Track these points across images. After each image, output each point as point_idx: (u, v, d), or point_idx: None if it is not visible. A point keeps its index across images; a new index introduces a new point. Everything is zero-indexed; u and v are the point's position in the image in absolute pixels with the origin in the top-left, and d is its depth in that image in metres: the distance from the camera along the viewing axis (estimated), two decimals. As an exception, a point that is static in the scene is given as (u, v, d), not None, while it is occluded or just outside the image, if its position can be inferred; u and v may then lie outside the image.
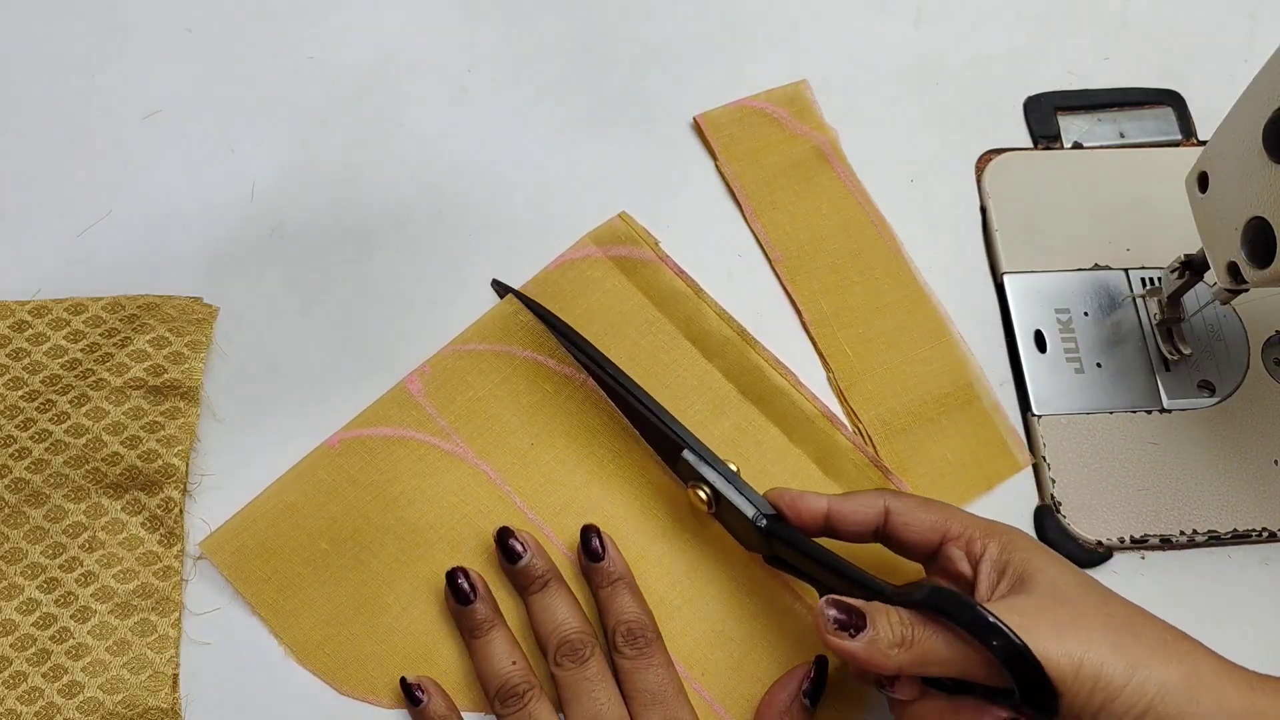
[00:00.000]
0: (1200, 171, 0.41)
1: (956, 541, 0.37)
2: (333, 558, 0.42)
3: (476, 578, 0.41)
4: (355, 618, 0.42)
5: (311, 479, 0.43)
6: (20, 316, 0.45)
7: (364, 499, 0.43)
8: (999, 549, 0.36)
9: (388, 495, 0.43)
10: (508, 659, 0.40)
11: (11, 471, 0.42)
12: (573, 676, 0.39)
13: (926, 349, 0.48)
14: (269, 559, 0.42)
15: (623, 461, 0.45)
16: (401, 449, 0.44)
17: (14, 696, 0.39)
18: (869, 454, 0.45)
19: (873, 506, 0.39)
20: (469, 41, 0.53)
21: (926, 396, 0.47)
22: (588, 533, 0.42)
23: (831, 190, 0.51)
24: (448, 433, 0.44)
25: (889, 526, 0.38)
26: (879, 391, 0.47)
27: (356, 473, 0.44)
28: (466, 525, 0.43)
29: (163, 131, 0.50)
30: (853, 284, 0.49)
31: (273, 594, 0.42)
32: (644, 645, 0.40)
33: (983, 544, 0.37)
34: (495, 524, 0.43)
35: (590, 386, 0.45)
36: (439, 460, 0.44)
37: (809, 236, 0.50)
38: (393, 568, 0.42)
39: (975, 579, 0.36)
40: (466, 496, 0.44)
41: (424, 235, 0.49)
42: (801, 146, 0.51)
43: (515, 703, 0.39)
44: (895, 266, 0.49)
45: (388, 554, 0.43)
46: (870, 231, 0.50)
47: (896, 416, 0.46)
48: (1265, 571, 0.45)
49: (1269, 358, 0.48)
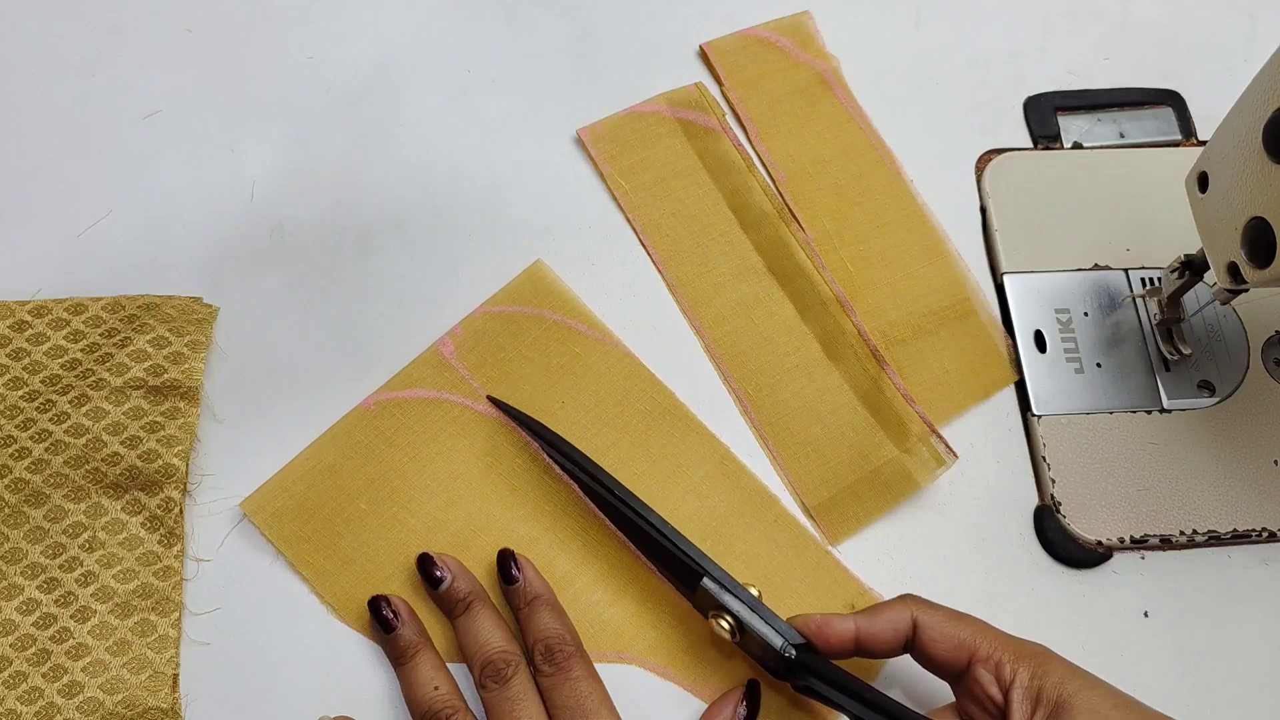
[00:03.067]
0: (1200, 171, 0.41)
1: (985, 664, 0.36)
2: (371, 517, 0.43)
3: (399, 604, 0.41)
4: (395, 575, 0.42)
5: (349, 440, 0.44)
6: (20, 316, 0.45)
7: (401, 459, 0.44)
8: (1029, 674, 0.35)
9: (424, 455, 0.44)
10: (430, 685, 0.39)
11: (11, 471, 0.42)
12: (496, 697, 0.39)
13: (925, 265, 0.49)
14: (308, 519, 0.43)
15: (651, 420, 0.46)
16: (436, 410, 0.45)
17: (14, 696, 0.39)
18: (871, 345, 0.46)
19: (901, 622, 0.38)
20: (469, 41, 0.53)
21: (925, 310, 0.48)
22: (504, 557, 0.42)
23: (833, 115, 0.52)
24: (480, 394, 0.45)
25: (918, 641, 0.38)
26: (879, 305, 0.48)
27: (393, 434, 0.44)
28: (501, 483, 0.44)
29: (163, 131, 0.50)
30: (854, 204, 0.50)
31: (313, 553, 0.43)
32: (562, 660, 0.39)
33: (1012, 669, 0.36)
34: (529, 484, 0.43)
35: (622, 351, 0.46)
36: (472, 421, 0.45)
37: (812, 159, 0.51)
38: (430, 526, 0.43)
39: (1007, 707, 0.35)
40: (500, 456, 0.44)
41: (424, 235, 0.49)
42: (805, 73, 0.53)
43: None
44: (895, 188, 0.51)
45: (425, 512, 0.43)
46: (871, 155, 0.52)
47: (895, 328, 0.48)
48: (1265, 571, 0.45)
49: (1269, 358, 0.48)
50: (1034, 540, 0.45)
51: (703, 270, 0.48)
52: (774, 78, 0.53)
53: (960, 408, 0.47)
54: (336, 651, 0.42)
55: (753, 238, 0.49)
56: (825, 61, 0.53)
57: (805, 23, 0.54)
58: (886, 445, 0.45)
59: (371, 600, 0.41)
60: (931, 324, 0.48)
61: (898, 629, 0.38)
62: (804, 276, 0.48)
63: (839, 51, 0.54)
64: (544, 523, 0.44)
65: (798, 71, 0.53)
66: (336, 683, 0.41)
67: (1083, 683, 0.35)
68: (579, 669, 0.39)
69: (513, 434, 0.45)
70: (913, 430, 0.45)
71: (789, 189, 0.50)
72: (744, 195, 0.49)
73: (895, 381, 0.46)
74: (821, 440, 0.46)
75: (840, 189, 0.50)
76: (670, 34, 0.54)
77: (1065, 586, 0.44)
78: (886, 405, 0.46)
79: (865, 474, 0.45)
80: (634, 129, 0.51)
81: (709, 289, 0.48)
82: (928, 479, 0.45)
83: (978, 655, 0.36)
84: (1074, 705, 0.34)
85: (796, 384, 0.46)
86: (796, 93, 0.52)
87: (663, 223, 0.49)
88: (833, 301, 0.47)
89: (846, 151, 0.51)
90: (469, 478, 0.44)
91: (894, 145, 0.52)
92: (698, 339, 0.47)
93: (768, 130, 0.51)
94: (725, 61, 0.53)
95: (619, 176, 0.50)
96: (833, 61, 0.53)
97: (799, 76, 0.53)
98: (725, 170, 0.50)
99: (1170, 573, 0.45)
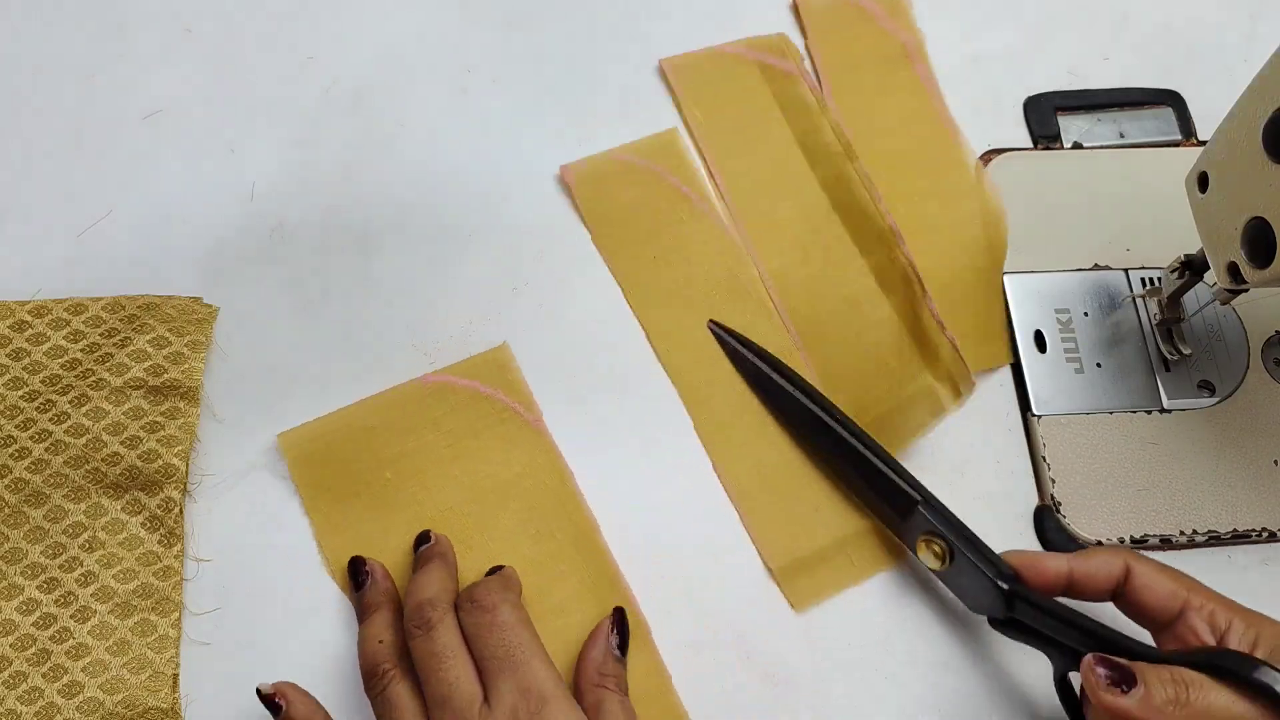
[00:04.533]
0: (1200, 171, 0.41)
1: (1199, 612, 0.36)
2: (393, 488, 0.44)
3: (376, 566, 0.41)
4: (395, 550, 0.43)
5: (396, 410, 0.45)
6: (20, 316, 0.45)
7: (439, 444, 0.44)
8: (1244, 625, 0.36)
9: (461, 447, 0.44)
10: (375, 639, 0.39)
11: (11, 471, 0.42)
12: (422, 648, 0.37)
13: (970, 232, 0.50)
14: (334, 471, 0.44)
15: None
16: (488, 406, 0.45)
17: (14, 696, 0.39)
18: (918, 277, 0.47)
19: (1114, 565, 0.38)
20: (469, 41, 0.53)
21: (955, 274, 0.49)
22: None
23: (910, 86, 0.53)
24: (531, 405, 0.45)
25: (1130, 588, 0.38)
26: (916, 256, 0.48)
27: (440, 417, 0.45)
28: (525, 499, 0.44)
29: (163, 131, 0.50)
30: (912, 170, 0.51)
31: (327, 504, 0.43)
32: (490, 604, 0.38)
33: (1227, 619, 0.36)
34: (550, 509, 0.44)
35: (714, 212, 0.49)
36: (519, 429, 0.45)
37: (880, 122, 0.52)
38: (446, 515, 0.43)
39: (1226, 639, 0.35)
40: (534, 468, 0.44)
41: (424, 235, 0.49)
42: (889, 42, 0.54)
43: (376, 684, 0.38)
44: (956, 163, 0.52)
45: (445, 502, 0.44)
46: (938, 128, 0.53)
47: (924, 280, 0.48)
48: (1265, 571, 0.45)
49: (1269, 358, 0.48)
50: (1034, 540, 0.45)
51: (766, 204, 0.50)
52: (859, 41, 0.54)
53: None
54: (336, 651, 0.42)
55: (819, 173, 0.50)
56: (911, 34, 0.54)
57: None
58: (923, 374, 0.46)
59: (352, 559, 0.42)
60: (959, 288, 0.49)
61: (1111, 572, 0.38)
62: (861, 208, 0.49)
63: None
64: (548, 549, 0.43)
65: (883, 39, 0.54)
66: (337, 682, 0.41)
67: None
68: (505, 614, 0.38)
69: (551, 455, 0.45)
70: (944, 357, 0.46)
71: (850, 148, 0.51)
72: (814, 135, 0.51)
73: (932, 309, 0.47)
74: (866, 371, 0.47)
75: (902, 154, 0.52)
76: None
77: (1065, 586, 0.44)
78: (924, 334, 0.47)
79: (900, 402, 0.46)
80: (714, 65, 0.52)
81: (770, 223, 0.49)
82: (954, 405, 0.46)
83: (1190, 604, 0.37)
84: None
85: (845, 316, 0.48)
86: (878, 59, 0.54)
87: (732, 154, 0.51)
88: (888, 233, 0.48)
89: (914, 121, 0.53)
90: (497, 481, 0.44)
91: (894, 145, 0.52)
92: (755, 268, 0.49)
93: (841, 89, 0.53)
94: (814, 19, 0.54)
95: (694, 107, 0.52)
96: (919, 35, 0.54)
97: (884, 44, 0.54)
98: (799, 111, 0.51)
99: (1170, 573, 0.45)
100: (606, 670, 0.39)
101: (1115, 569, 0.38)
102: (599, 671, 0.39)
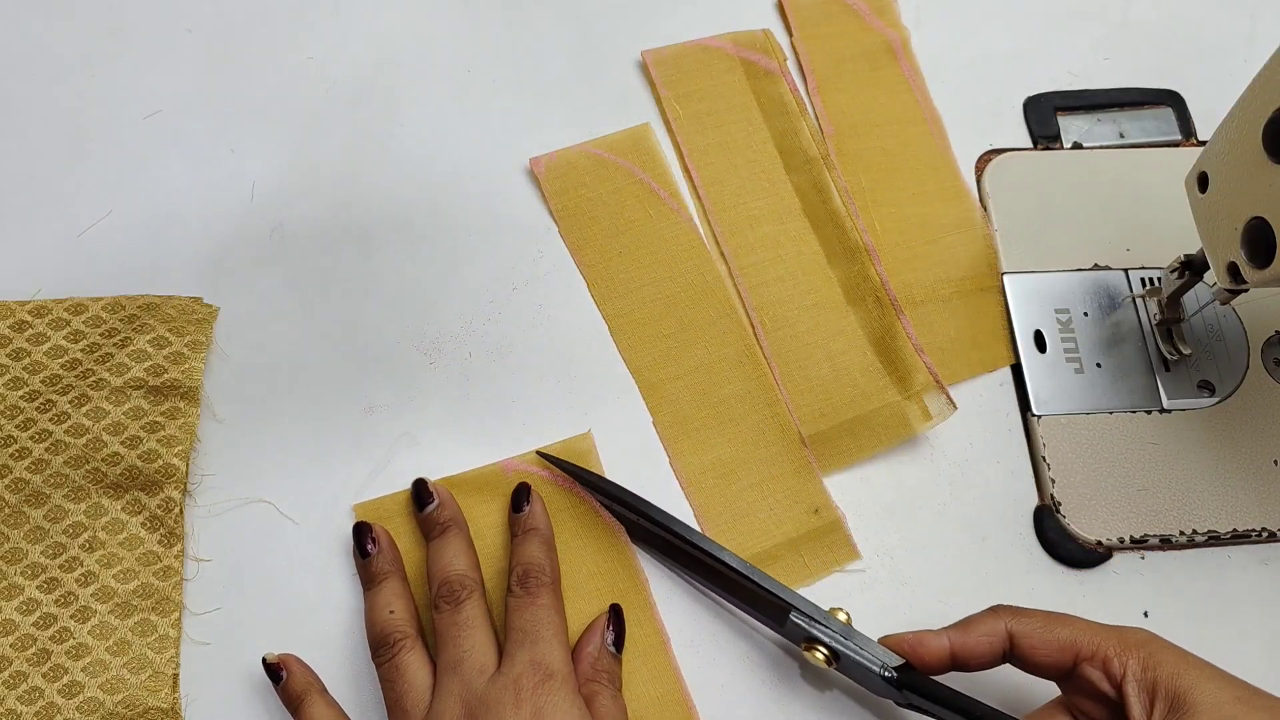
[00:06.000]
0: (1200, 171, 0.41)
1: (1091, 661, 0.36)
2: None
3: (381, 533, 0.42)
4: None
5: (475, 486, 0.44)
6: (20, 316, 0.45)
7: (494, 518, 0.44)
8: (1140, 666, 0.35)
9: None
10: (386, 609, 0.40)
11: (11, 471, 0.42)
12: (447, 620, 0.39)
13: (954, 235, 0.50)
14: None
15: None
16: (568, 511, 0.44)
17: (14, 696, 0.39)
18: (892, 294, 0.47)
19: (995, 634, 0.37)
20: (469, 41, 0.53)
21: (944, 277, 0.49)
22: (519, 489, 0.43)
23: (894, 83, 0.53)
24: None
25: (1016, 650, 0.37)
26: (901, 264, 0.49)
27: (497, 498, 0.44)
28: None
29: (163, 131, 0.50)
30: (896, 169, 0.51)
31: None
32: (535, 587, 0.40)
33: (1121, 663, 0.35)
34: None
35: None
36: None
37: (863, 119, 0.52)
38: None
39: (1124, 701, 0.35)
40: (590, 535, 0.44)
41: (424, 235, 0.49)
42: (874, 39, 0.54)
43: (385, 652, 0.39)
44: (940, 162, 0.52)
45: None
46: (922, 126, 0.53)
47: (911, 288, 0.49)
48: (1265, 571, 0.45)
49: (1269, 358, 0.48)
50: (1034, 540, 0.45)
51: (740, 201, 0.50)
52: (843, 37, 0.54)
53: (956, 376, 0.47)
54: (335, 651, 0.42)
55: (794, 179, 0.50)
56: (897, 31, 0.54)
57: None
58: (890, 390, 0.46)
59: (357, 525, 0.42)
60: (948, 291, 0.49)
61: (993, 641, 0.37)
62: (836, 223, 0.49)
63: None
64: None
65: (868, 36, 0.54)
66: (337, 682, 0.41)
67: (1200, 673, 0.34)
68: (547, 598, 0.40)
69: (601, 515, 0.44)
70: (917, 380, 0.46)
71: (835, 143, 0.52)
72: (792, 139, 0.51)
73: (909, 332, 0.47)
74: (827, 377, 0.47)
75: (886, 152, 0.52)
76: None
77: (1065, 586, 0.44)
78: (896, 354, 0.47)
79: (864, 413, 0.46)
80: (697, 60, 0.52)
81: (744, 220, 0.49)
82: (924, 427, 0.46)
83: (1082, 654, 0.36)
84: (1196, 702, 0.33)
85: (812, 321, 0.48)
86: (863, 55, 0.54)
87: (709, 150, 0.51)
88: (860, 249, 0.48)
89: (898, 119, 0.53)
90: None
91: (894, 145, 0.52)
92: (723, 266, 0.49)
93: (826, 85, 0.53)
94: (800, 15, 0.54)
95: (675, 101, 0.52)
96: (904, 32, 0.54)
97: (868, 41, 0.54)
98: (778, 112, 0.51)
99: (1170, 573, 0.45)
100: (601, 665, 0.40)
101: (996, 639, 0.37)
102: (593, 666, 0.40)
